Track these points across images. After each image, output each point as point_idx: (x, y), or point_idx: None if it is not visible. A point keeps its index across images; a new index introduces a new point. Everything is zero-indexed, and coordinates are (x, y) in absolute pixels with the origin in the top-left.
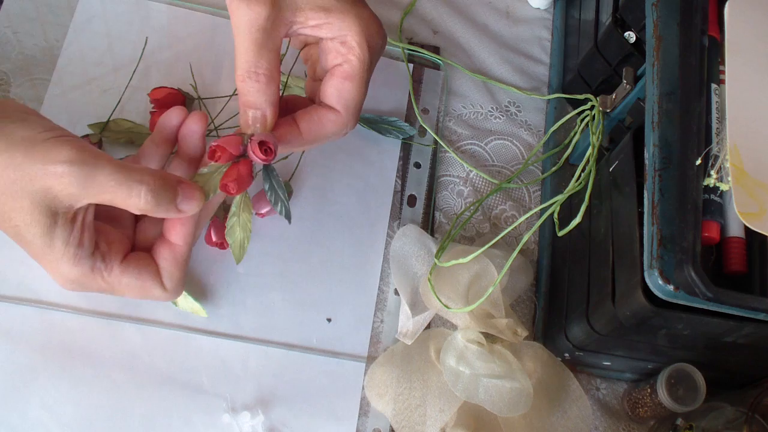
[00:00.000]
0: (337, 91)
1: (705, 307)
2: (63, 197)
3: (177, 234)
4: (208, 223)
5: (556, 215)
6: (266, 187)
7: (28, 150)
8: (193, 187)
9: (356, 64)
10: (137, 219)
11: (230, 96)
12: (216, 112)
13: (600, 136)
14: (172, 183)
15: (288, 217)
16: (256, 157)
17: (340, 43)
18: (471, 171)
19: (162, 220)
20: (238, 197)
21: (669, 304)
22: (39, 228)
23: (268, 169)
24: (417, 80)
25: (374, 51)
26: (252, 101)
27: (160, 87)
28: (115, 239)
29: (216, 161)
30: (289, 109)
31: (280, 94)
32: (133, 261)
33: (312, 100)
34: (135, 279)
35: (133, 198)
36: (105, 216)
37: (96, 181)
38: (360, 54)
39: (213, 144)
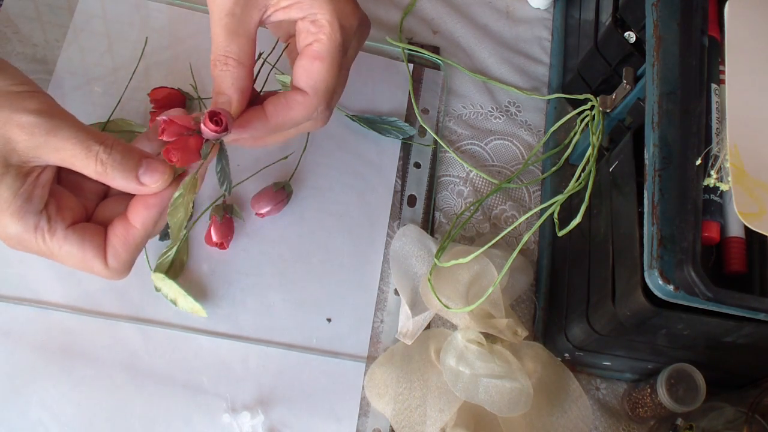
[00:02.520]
0: (306, 71)
1: (705, 307)
2: (21, 149)
3: (137, 215)
4: (209, 223)
5: (556, 215)
6: (218, 168)
7: None
8: (160, 162)
9: (326, 43)
10: (104, 196)
11: None
12: None
13: (600, 136)
14: (135, 153)
15: (229, 190)
16: (207, 129)
17: (310, 22)
18: (471, 171)
19: (127, 200)
20: (187, 178)
21: (669, 304)
22: None
23: (221, 148)
24: (417, 80)
25: (347, 31)
26: (220, 87)
27: (160, 87)
28: (68, 206)
29: (161, 137)
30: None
31: (259, 90)
32: (79, 230)
33: None
34: (77, 248)
35: (90, 159)
36: (70, 186)
37: (58, 135)
38: (330, 33)
39: (161, 117)
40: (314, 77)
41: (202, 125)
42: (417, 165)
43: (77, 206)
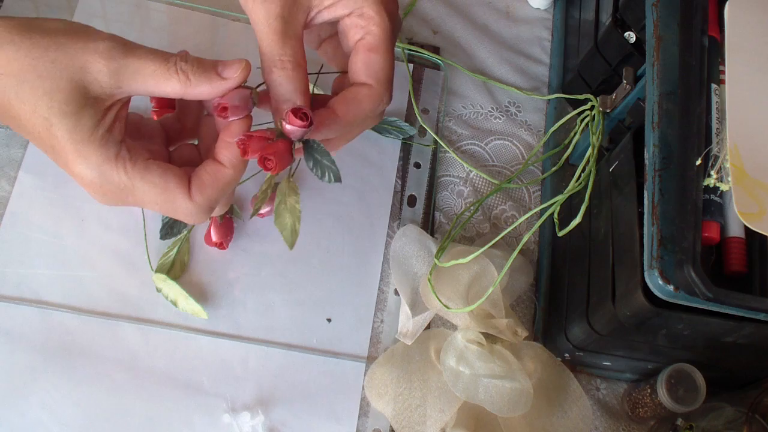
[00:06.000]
0: (365, 64)
1: (705, 307)
2: (102, 79)
3: (225, 154)
4: (209, 223)
5: (556, 215)
6: (310, 164)
7: (71, 34)
8: (231, 61)
9: (378, 33)
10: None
11: None
12: None
13: (600, 136)
14: (205, 59)
15: (338, 179)
16: (294, 125)
17: (357, 16)
18: (471, 171)
19: (195, 149)
20: (283, 183)
21: (669, 304)
22: (72, 106)
23: (307, 144)
24: (417, 80)
25: (394, 18)
26: (281, 92)
27: None
28: (142, 145)
29: (246, 156)
30: (318, 107)
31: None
32: (161, 163)
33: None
34: (158, 178)
35: (171, 72)
36: (137, 135)
37: (136, 54)
38: (380, 22)
39: (216, 101)
40: (374, 68)
41: (285, 126)
42: (417, 165)
43: (153, 138)
